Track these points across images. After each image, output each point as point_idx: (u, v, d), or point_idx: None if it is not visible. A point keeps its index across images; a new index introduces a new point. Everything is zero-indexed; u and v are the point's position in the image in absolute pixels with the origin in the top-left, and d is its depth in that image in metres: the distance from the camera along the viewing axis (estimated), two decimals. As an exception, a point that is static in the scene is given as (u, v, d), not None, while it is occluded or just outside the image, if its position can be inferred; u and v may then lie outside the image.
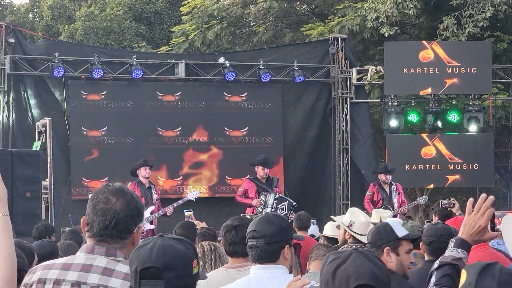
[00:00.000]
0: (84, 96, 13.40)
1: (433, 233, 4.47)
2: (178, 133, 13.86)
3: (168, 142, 13.83)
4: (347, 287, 1.98)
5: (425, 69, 14.11)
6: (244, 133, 14.20)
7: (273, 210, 10.79)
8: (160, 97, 13.83)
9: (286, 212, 10.81)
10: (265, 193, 11.14)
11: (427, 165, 14.14)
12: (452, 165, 14.17)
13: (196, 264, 2.28)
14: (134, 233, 2.68)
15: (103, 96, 13.51)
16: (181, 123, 13.89)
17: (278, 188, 11.42)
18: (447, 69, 14.18)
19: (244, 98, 14.23)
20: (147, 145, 13.63)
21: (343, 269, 2.02)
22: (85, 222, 2.70)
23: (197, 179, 13.91)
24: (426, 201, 12.14)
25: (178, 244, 2.25)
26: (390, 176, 12.02)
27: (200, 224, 7.09)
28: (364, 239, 5.22)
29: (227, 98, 14.15)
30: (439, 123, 14.34)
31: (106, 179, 12.26)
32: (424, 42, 14.31)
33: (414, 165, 14.13)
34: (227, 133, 14.12)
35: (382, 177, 12.03)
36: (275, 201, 11.05)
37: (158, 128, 13.74)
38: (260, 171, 11.28)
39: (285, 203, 11.16)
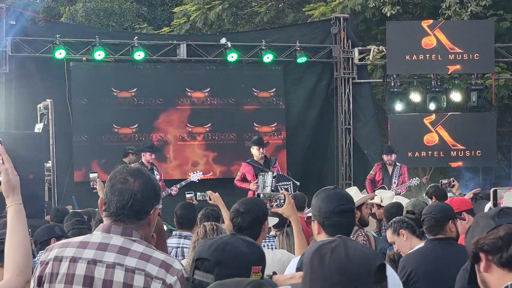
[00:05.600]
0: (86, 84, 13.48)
1: (426, 211, 4.72)
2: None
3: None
4: (369, 268, 1.88)
5: (427, 55, 14.09)
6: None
7: (273, 189, 10.75)
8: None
9: (291, 193, 10.75)
10: (263, 173, 11.11)
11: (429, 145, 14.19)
12: (455, 152, 14.20)
13: (259, 271, 2.24)
14: (150, 214, 2.71)
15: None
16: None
17: (276, 168, 11.38)
18: (450, 55, 14.19)
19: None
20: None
21: (354, 254, 1.90)
22: (102, 202, 2.73)
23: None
24: (418, 183, 12.19)
25: (243, 244, 2.25)
26: (393, 156, 12.06)
27: (213, 195, 7.02)
28: None
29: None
30: (442, 103, 14.33)
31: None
32: (425, 25, 14.19)
33: (416, 145, 14.14)
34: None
35: (384, 157, 12.15)
36: (273, 180, 10.99)
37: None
38: (255, 152, 11.21)
39: (288, 183, 11.11)
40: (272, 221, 5.14)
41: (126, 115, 13.66)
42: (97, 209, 7.37)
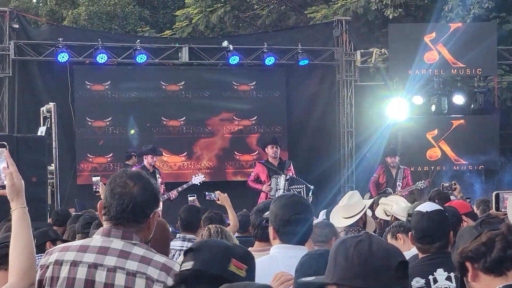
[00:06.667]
0: (88, 87, 13.49)
1: None
2: (182, 122, 13.93)
3: (172, 132, 13.92)
4: (389, 263, 1.93)
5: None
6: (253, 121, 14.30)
7: (285, 192, 10.76)
8: (164, 87, 13.89)
9: (305, 197, 10.73)
10: (276, 176, 11.12)
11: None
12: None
13: (242, 269, 2.26)
14: (150, 218, 2.73)
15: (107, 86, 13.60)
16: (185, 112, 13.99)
17: (290, 171, 11.40)
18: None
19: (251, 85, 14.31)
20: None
21: (378, 248, 1.96)
22: (102, 205, 2.74)
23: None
24: (424, 186, 12.17)
25: (229, 242, 2.44)
26: (397, 158, 12.08)
27: (221, 195, 7.04)
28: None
29: (235, 86, 14.21)
30: (444, 106, 14.33)
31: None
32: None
33: (418, 147, 14.13)
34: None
35: (388, 159, 12.15)
36: (286, 182, 11.01)
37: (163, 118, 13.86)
38: (269, 151, 11.27)
39: (301, 186, 11.09)
40: None
41: (127, 117, 13.69)
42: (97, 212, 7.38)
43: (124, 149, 12.56)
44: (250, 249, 4.14)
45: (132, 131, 13.46)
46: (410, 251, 4.66)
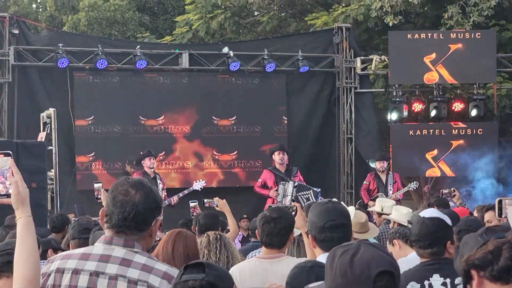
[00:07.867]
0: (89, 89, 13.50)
1: (462, 223, 4.91)
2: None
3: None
4: (368, 273, 1.95)
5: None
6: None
7: (293, 198, 10.78)
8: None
9: (314, 201, 10.74)
10: (284, 182, 11.13)
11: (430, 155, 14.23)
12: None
13: None
14: (152, 225, 2.73)
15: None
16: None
17: (298, 178, 11.41)
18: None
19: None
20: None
21: (359, 258, 1.98)
22: (103, 213, 2.74)
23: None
24: (417, 187, 12.27)
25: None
26: (385, 163, 12.13)
27: (219, 201, 7.05)
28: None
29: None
30: (444, 112, 14.34)
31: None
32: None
33: (417, 154, 14.13)
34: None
35: (376, 164, 12.24)
36: (294, 189, 11.03)
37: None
38: (276, 157, 11.29)
39: (308, 192, 11.11)
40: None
41: (128, 123, 13.69)
42: (94, 218, 7.37)
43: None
44: (258, 255, 4.19)
45: None
46: (406, 257, 4.69)
